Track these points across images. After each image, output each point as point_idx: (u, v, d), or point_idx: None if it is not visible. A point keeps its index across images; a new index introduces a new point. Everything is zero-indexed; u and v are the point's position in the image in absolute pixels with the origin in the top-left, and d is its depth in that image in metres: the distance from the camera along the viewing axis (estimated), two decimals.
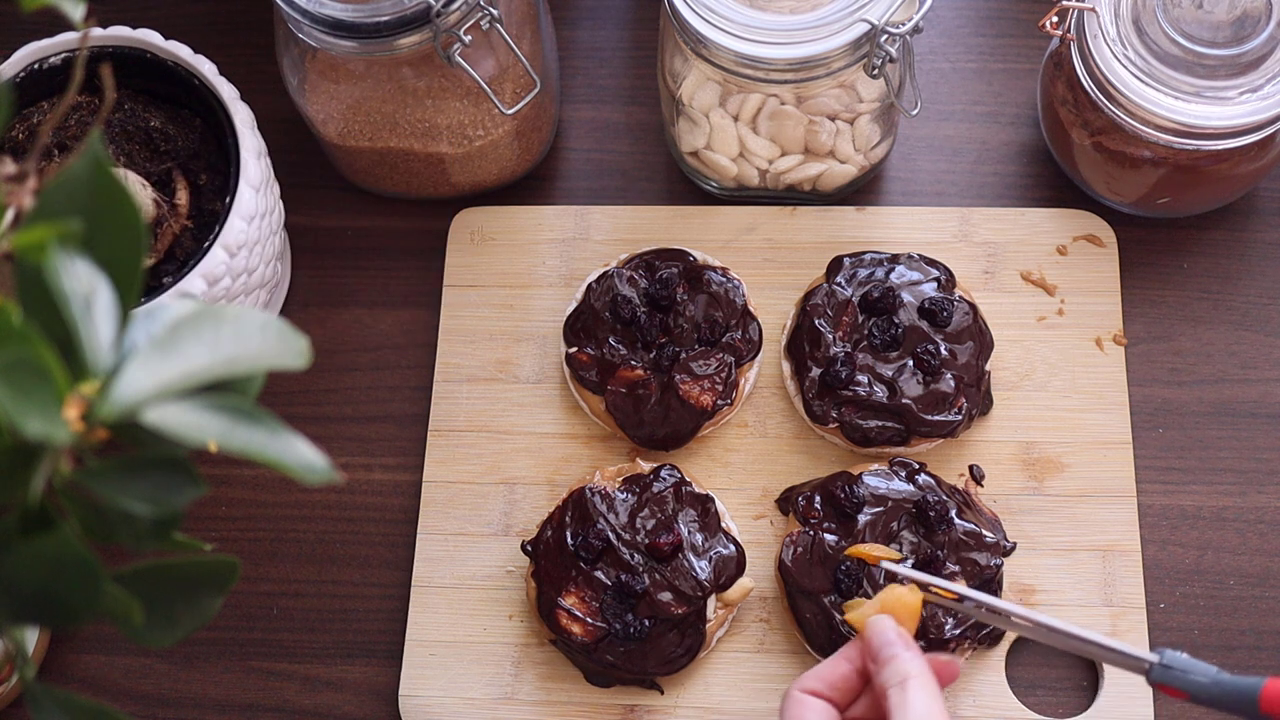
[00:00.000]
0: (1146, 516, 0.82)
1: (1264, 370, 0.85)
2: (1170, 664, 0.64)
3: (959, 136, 0.93)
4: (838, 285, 0.84)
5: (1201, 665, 0.63)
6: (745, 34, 0.77)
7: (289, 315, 0.91)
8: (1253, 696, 0.61)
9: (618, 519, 0.79)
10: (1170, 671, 0.64)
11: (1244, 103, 0.78)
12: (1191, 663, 0.63)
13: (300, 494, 0.86)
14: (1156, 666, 0.64)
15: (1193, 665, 0.63)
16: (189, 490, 0.41)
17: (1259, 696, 0.60)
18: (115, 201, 0.41)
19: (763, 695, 0.79)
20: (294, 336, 0.41)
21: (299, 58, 0.84)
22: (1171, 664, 0.64)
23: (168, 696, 0.83)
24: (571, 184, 0.94)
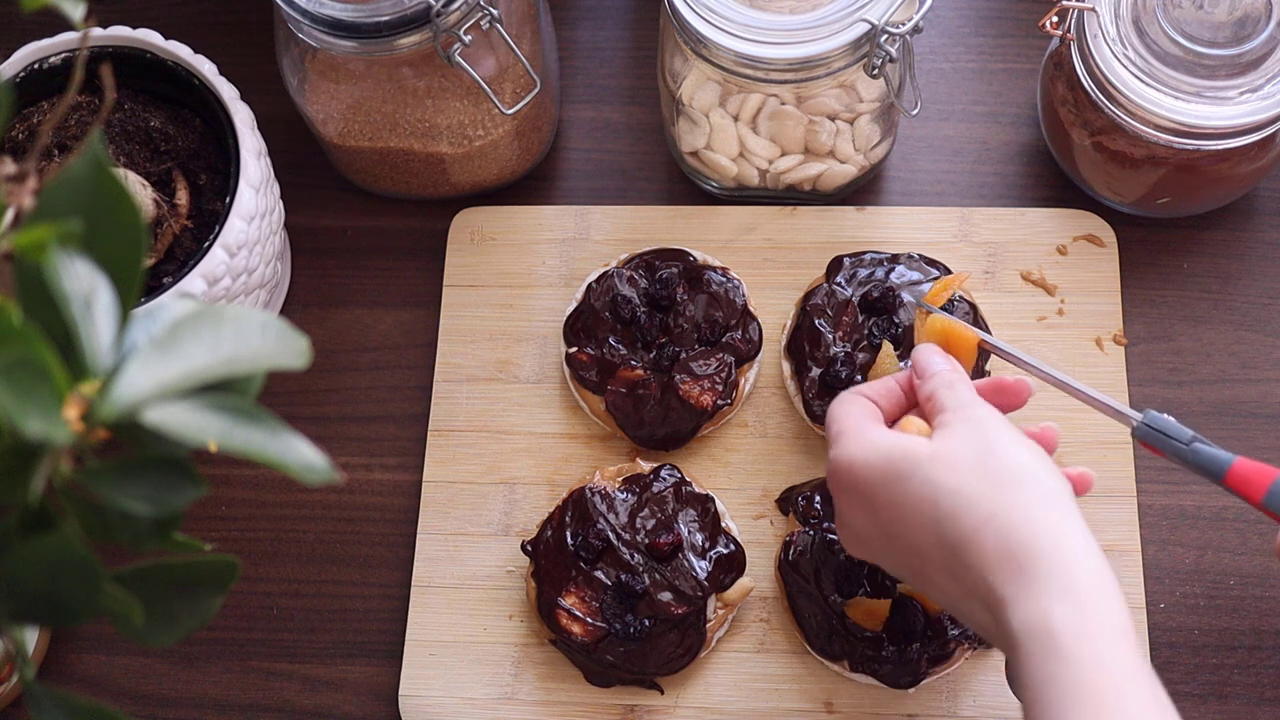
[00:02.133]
0: (1146, 516, 0.82)
1: (1264, 370, 0.85)
2: (1153, 424, 0.70)
3: (959, 136, 0.93)
4: (838, 285, 0.84)
5: (1182, 429, 0.69)
6: (745, 34, 0.77)
7: (289, 315, 0.91)
8: (1221, 470, 0.67)
9: (618, 519, 0.79)
10: (1152, 431, 0.69)
11: (1244, 103, 0.78)
12: (1174, 426, 0.69)
13: (300, 494, 0.86)
14: (1140, 424, 0.70)
15: (1174, 428, 0.69)
16: (189, 490, 0.41)
17: (1226, 472, 0.67)
18: (115, 201, 0.41)
19: (763, 695, 0.79)
20: (294, 336, 0.41)
21: (299, 58, 0.84)
22: (1154, 424, 0.70)
23: (168, 696, 0.83)
24: (571, 184, 0.94)
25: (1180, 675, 0.79)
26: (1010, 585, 0.59)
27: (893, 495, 0.63)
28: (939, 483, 0.62)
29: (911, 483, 0.63)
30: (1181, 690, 0.79)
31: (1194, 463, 0.68)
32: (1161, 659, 0.79)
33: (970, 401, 0.66)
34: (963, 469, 0.62)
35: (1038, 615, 0.58)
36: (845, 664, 0.77)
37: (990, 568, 0.60)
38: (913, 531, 0.63)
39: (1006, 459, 0.63)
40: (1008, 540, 0.60)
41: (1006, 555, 0.59)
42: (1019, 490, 0.61)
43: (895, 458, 0.64)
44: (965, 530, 0.61)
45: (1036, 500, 0.61)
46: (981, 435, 0.64)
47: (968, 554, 0.60)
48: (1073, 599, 0.58)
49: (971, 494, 0.61)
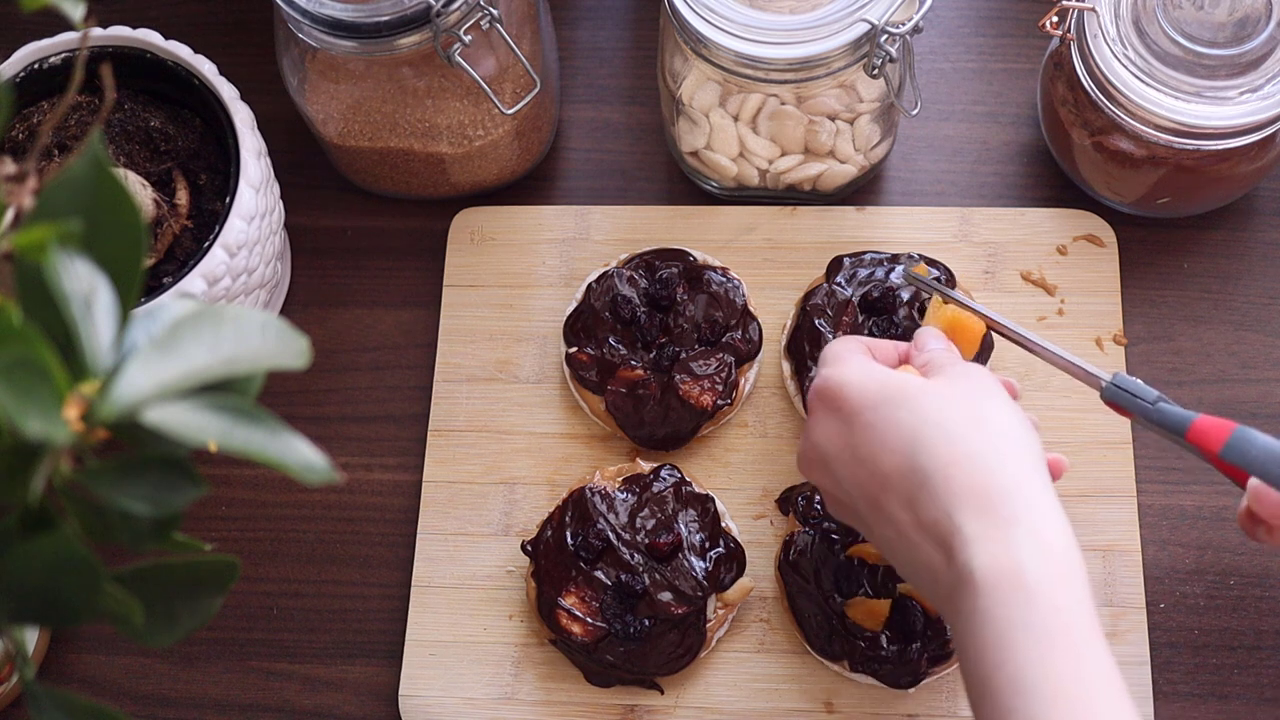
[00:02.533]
0: (1146, 516, 0.82)
1: (1264, 370, 0.85)
2: (1120, 384, 0.70)
3: (959, 136, 0.93)
4: (838, 285, 0.84)
5: (1147, 389, 0.70)
6: (745, 34, 0.77)
7: (289, 315, 0.91)
8: (1183, 427, 0.68)
9: (618, 519, 0.79)
10: (1120, 391, 0.70)
11: (1244, 103, 0.78)
12: (1139, 386, 0.70)
13: (300, 494, 0.86)
14: (1109, 385, 0.71)
15: (1139, 388, 0.70)
16: (189, 490, 0.41)
17: (1187, 428, 0.68)
18: (115, 201, 0.41)
19: (763, 695, 0.79)
20: (294, 336, 0.41)
21: (299, 58, 0.84)
22: (1121, 384, 0.70)
23: (168, 696, 0.83)
24: (571, 184, 0.94)
25: (1180, 675, 0.79)
26: (975, 522, 0.59)
27: (876, 418, 0.64)
28: (926, 413, 0.63)
29: (900, 409, 0.64)
30: (1181, 690, 0.79)
31: (1158, 421, 0.69)
32: (1161, 659, 0.79)
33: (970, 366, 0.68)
34: (952, 408, 0.63)
35: (1005, 556, 0.58)
36: (845, 664, 0.77)
37: (956, 502, 0.60)
38: (884, 455, 0.63)
39: (996, 413, 0.64)
40: (982, 479, 0.60)
41: (978, 492, 0.60)
42: (1002, 440, 0.62)
43: (890, 385, 0.65)
44: (940, 461, 0.61)
45: (1017, 454, 0.62)
46: (976, 387, 0.65)
47: (935, 484, 0.61)
48: (1040, 547, 0.58)
49: (955, 430, 0.62)
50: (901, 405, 0.64)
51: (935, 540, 0.60)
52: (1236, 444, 0.66)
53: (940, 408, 0.63)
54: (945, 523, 0.60)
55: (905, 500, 0.62)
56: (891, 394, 0.64)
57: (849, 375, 0.66)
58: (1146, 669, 0.78)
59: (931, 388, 0.65)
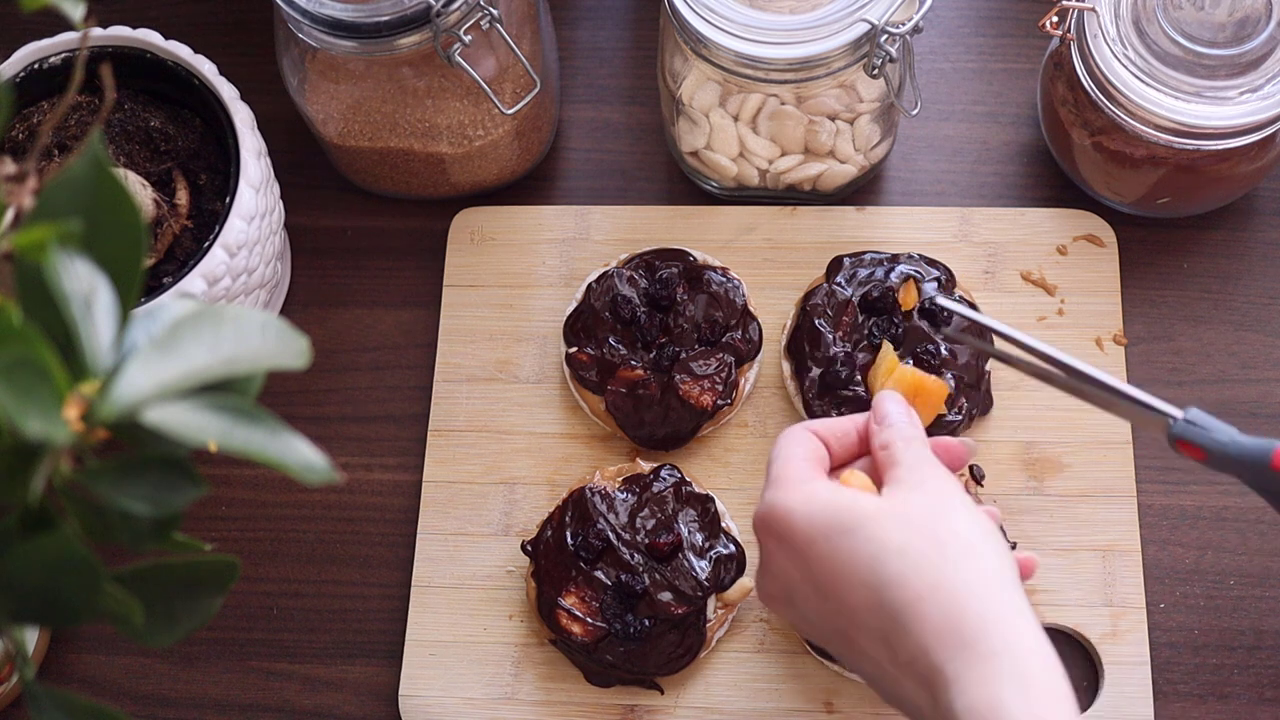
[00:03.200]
0: (1146, 516, 0.82)
1: (1264, 370, 0.85)
2: (1194, 420, 0.64)
3: (959, 136, 0.93)
4: (838, 285, 0.84)
5: (1223, 425, 0.64)
6: (745, 34, 0.77)
7: (289, 315, 0.91)
8: (1266, 456, 0.62)
9: (618, 519, 0.79)
10: (1194, 428, 0.64)
11: (1244, 103, 0.78)
12: (1214, 421, 0.64)
13: (300, 494, 0.86)
14: (1180, 421, 0.64)
15: (1215, 424, 0.64)
16: (189, 490, 0.41)
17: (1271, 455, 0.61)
18: (115, 201, 0.41)
19: (763, 695, 0.79)
20: (294, 336, 0.41)
21: (299, 58, 0.84)
22: (1195, 420, 0.64)
23: (168, 696, 0.83)
24: (571, 184, 0.94)
25: (1180, 675, 0.79)
26: (954, 662, 0.55)
27: (832, 549, 0.59)
28: (884, 541, 0.58)
29: (855, 538, 0.59)
30: (1181, 690, 0.79)
31: (1236, 456, 0.64)
32: (1161, 659, 0.79)
33: (926, 461, 0.63)
34: (911, 530, 0.59)
35: (985, 698, 0.54)
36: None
37: (932, 641, 0.56)
38: (849, 590, 0.59)
39: (958, 529, 0.59)
40: (954, 613, 0.56)
41: (951, 629, 0.56)
42: (968, 562, 0.58)
43: (841, 511, 0.60)
44: (908, 596, 0.57)
45: (985, 577, 0.58)
46: (934, 500, 0.61)
47: (907, 622, 0.57)
48: (1021, 681, 0.54)
49: (918, 558, 0.58)
50: (856, 533, 0.59)
51: (915, 677, 0.57)
52: None
53: (899, 533, 0.59)
54: (923, 661, 0.56)
55: (879, 637, 0.58)
56: (845, 521, 0.60)
57: (793, 502, 0.61)
58: (1146, 669, 0.78)
59: (886, 510, 0.60)
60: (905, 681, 0.58)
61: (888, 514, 0.60)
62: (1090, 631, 0.79)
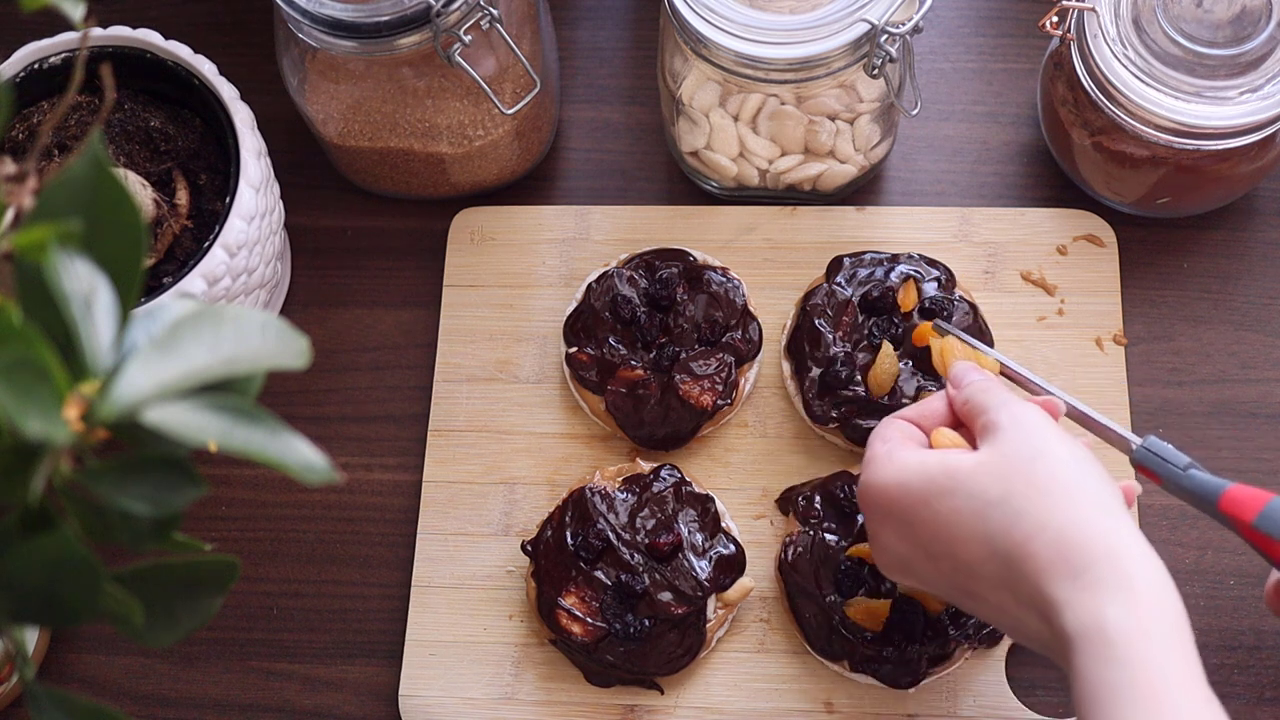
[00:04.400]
0: (1146, 516, 0.82)
1: (1264, 370, 0.85)
2: (1152, 448, 0.69)
3: (959, 136, 0.93)
4: (838, 285, 0.84)
5: (1180, 455, 0.68)
6: (745, 34, 0.77)
7: (289, 315, 0.91)
8: (1214, 497, 0.66)
9: (618, 519, 0.79)
10: (1150, 455, 0.69)
11: (1244, 103, 0.78)
12: (1172, 452, 0.69)
13: (300, 494, 0.86)
14: (1139, 448, 0.69)
15: (1172, 454, 0.69)
16: (189, 490, 0.41)
17: (1219, 497, 0.65)
18: (115, 201, 0.41)
19: (763, 695, 0.79)
20: (294, 336, 0.41)
21: (299, 58, 0.84)
22: (1153, 448, 0.69)
23: (168, 696, 0.83)
24: (571, 184, 0.94)
25: None
26: (1064, 588, 0.58)
27: (936, 513, 0.62)
28: (985, 495, 0.61)
29: (956, 498, 0.62)
30: None
31: (1188, 488, 0.68)
32: None
33: (1008, 400, 0.66)
34: (1010, 478, 0.61)
35: (1091, 616, 0.57)
36: (845, 664, 0.77)
37: (1044, 574, 0.59)
38: (961, 547, 0.62)
39: (1056, 466, 0.62)
40: (1062, 547, 0.59)
41: (1060, 560, 0.58)
42: (1069, 498, 0.60)
43: (934, 475, 0.63)
44: (1017, 539, 0.60)
45: (1089, 507, 0.60)
46: (1027, 440, 0.63)
47: (1019, 564, 0.60)
48: (1128, 600, 0.57)
49: (1021, 503, 0.60)
50: (956, 493, 0.62)
51: (1037, 612, 0.60)
52: (1272, 514, 0.64)
53: (998, 480, 0.61)
54: (1039, 595, 0.59)
55: (999, 584, 0.61)
56: (941, 485, 0.63)
57: (885, 476, 0.65)
58: None
59: (981, 465, 0.63)
60: (1029, 618, 0.60)
61: (983, 468, 0.62)
62: None
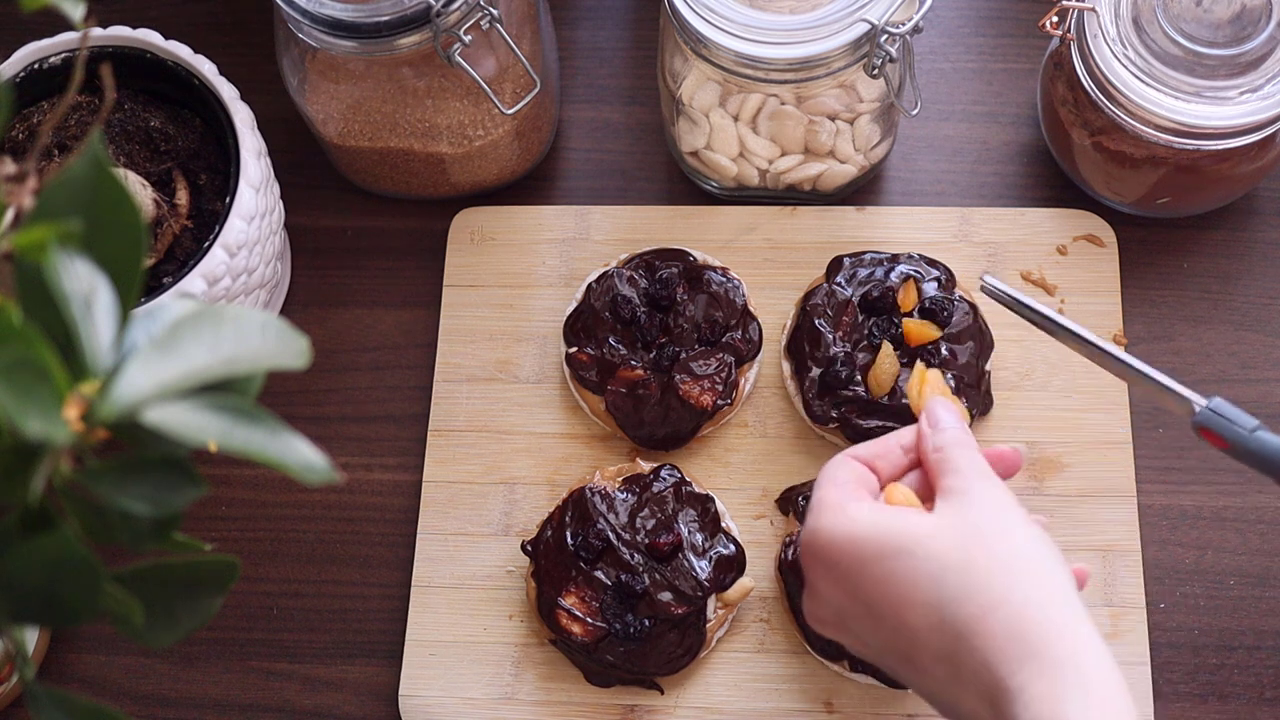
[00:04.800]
0: (1146, 516, 0.82)
1: (1264, 370, 0.85)
2: (1218, 410, 0.65)
3: (959, 136, 0.93)
4: (838, 285, 0.84)
5: (1248, 417, 0.65)
6: (745, 34, 0.77)
7: (289, 315, 0.91)
8: None
9: (618, 519, 0.79)
10: (1216, 417, 0.65)
11: (1244, 103, 0.78)
12: (1240, 413, 0.65)
13: (300, 494, 0.86)
14: (1204, 409, 0.66)
15: (1240, 416, 0.65)
16: (189, 490, 0.41)
17: None
18: (115, 201, 0.41)
19: (763, 695, 0.79)
20: (294, 336, 0.41)
21: (299, 58, 0.84)
22: (1219, 410, 0.65)
23: (168, 696, 0.83)
24: (571, 184, 0.94)
25: (1180, 675, 0.79)
26: (1019, 675, 0.55)
27: (889, 571, 0.58)
28: (945, 560, 0.58)
29: (913, 559, 0.58)
30: (1182, 690, 0.79)
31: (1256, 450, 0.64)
32: (1162, 659, 0.79)
33: (981, 472, 0.62)
34: (971, 548, 0.58)
35: (1049, 711, 0.54)
36: (845, 664, 0.77)
37: (996, 657, 0.56)
38: (908, 610, 0.58)
39: (1018, 545, 0.59)
40: (1018, 627, 0.56)
41: (1015, 643, 0.55)
42: (1032, 579, 0.58)
43: (890, 533, 0.59)
44: (972, 612, 0.56)
45: (1047, 590, 0.57)
46: (995, 515, 0.60)
47: (972, 638, 0.56)
48: (1084, 691, 0.54)
49: (981, 576, 0.57)
50: (911, 555, 0.58)
51: (979, 693, 0.56)
52: None
53: (958, 551, 0.58)
54: (987, 676, 0.56)
55: (941, 656, 0.57)
56: (900, 543, 0.59)
57: (836, 527, 0.60)
58: (1146, 669, 0.78)
59: (943, 528, 0.59)
60: (966, 697, 0.57)
61: (945, 532, 0.59)
62: None
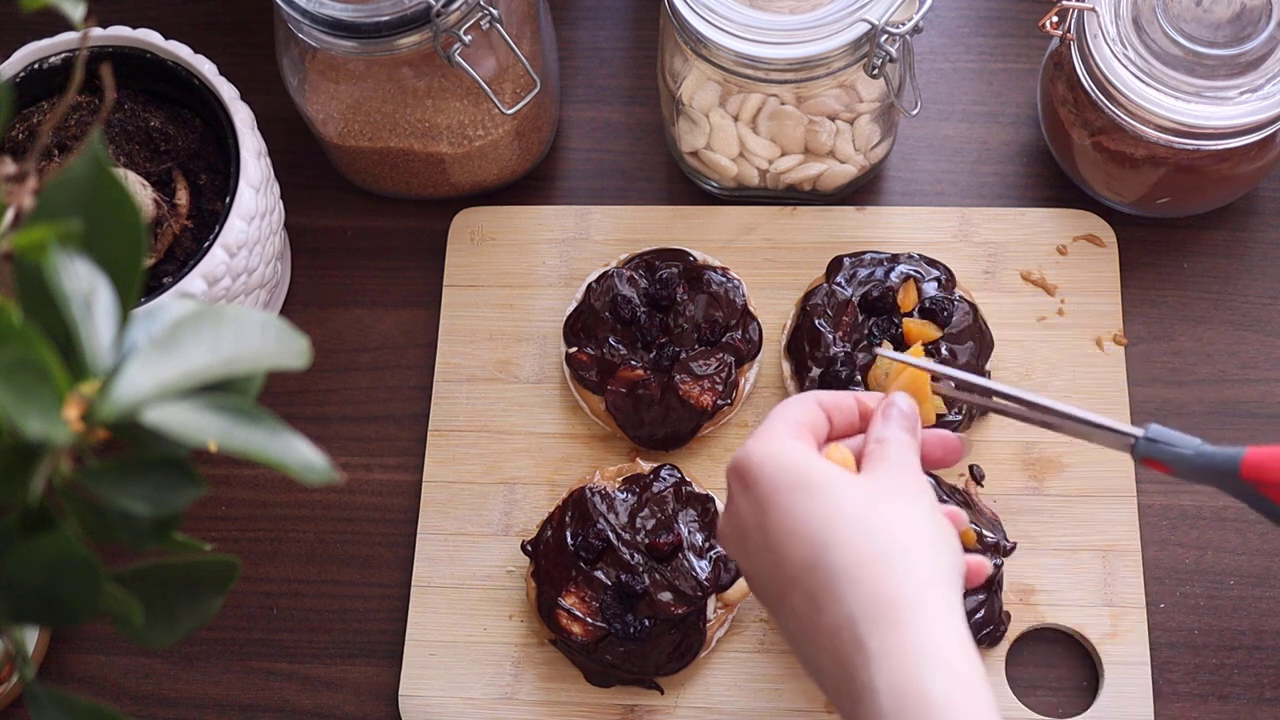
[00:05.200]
0: (1146, 516, 0.82)
1: (1264, 370, 0.85)
2: (1155, 437, 0.64)
3: (959, 136, 0.93)
4: (838, 285, 0.84)
5: (1186, 438, 0.64)
6: (745, 34, 0.77)
7: (289, 315, 0.91)
8: (1234, 465, 0.61)
9: (618, 519, 0.79)
10: (1156, 445, 0.64)
11: (1244, 103, 0.78)
12: (1176, 435, 0.64)
13: (300, 494, 0.86)
14: (1142, 440, 0.65)
15: (1177, 438, 0.64)
16: (189, 490, 0.41)
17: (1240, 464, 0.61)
18: (115, 201, 0.41)
19: (763, 695, 0.79)
20: (294, 336, 0.41)
21: (299, 58, 0.84)
22: (1157, 437, 0.64)
23: (168, 696, 0.83)
24: (571, 184, 0.94)
25: (1180, 675, 0.79)
26: (878, 638, 0.55)
27: (791, 502, 0.59)
28: (843, 508, 0.58)
29: (815, 499, 0.59)
30: (1182, 690, 0.79)
31: (1203, 467, 0.64)
32: (1161, 659, 0.79)
33: (911, 468, 0.62)
34: (872, 505, 0.59)
35: (908, 679, 0.54)
36: None
37: (860, 610, 0.56)
38: (792, 544, 0.58)
39: (916, 521, 0.59)
40: (889, 588, 0.56)
41: (883, 603, 0.55)
42: (918, 546, 0.58)
43: (811, 472, 0.60)
44: (849, 559, 0.57)
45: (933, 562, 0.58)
46: (903, 491, 0.60)
47: (840, 585, 0.56)
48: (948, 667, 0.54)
49: (870, 531, 0.57)
50: (818, 494, 0.59)
51: (836, 649, 0.56)
52: None
53: (859, 506, 0.59)
54: (848, 632, 0.56)
55: (808, 598, 0.58)
56: (812, 480, 0.60)
57: (768, 454, 0.61)
58: (1146, 669, 0.78)
59: (854, 482, 0.60)
60: (824, 651, 0.57)
61: (855, 486, 0.60)
62: (1090, 632, 0.79)
